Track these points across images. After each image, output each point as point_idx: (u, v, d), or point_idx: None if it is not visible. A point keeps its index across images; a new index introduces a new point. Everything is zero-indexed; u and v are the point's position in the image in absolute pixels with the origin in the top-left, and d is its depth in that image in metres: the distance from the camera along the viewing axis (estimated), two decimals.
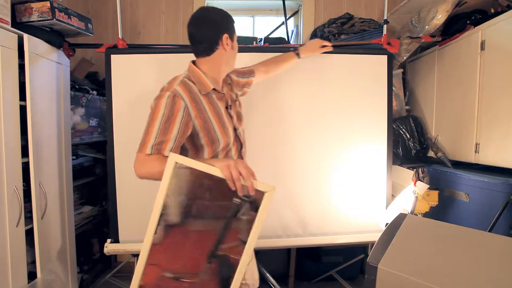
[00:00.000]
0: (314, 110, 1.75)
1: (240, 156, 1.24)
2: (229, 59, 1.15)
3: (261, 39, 2.15)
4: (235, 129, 1.19)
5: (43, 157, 1.57)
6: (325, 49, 1.65)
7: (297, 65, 1.73)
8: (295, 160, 1.75)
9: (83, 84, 2.13)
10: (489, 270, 0.82)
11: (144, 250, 0.87)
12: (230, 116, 1.18)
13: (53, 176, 1.67)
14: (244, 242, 0.85)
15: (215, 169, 0.84)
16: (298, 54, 1.59)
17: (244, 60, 1.70)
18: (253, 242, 0.85)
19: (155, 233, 0.87)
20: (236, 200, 0.86)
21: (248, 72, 1.44)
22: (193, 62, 1.15)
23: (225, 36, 1.09)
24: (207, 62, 1.12)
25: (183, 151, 1.08)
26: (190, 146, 1.09)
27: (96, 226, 2.24)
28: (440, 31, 1.95)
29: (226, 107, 1.18)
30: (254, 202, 0.86)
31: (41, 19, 1.53)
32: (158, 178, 0.92)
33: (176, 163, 0.84)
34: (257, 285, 1.34)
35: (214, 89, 1.12)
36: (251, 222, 0.85)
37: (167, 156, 0.90)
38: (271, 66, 1.54)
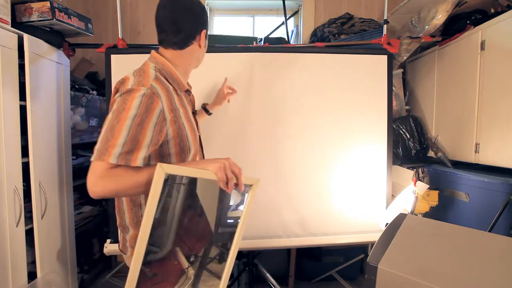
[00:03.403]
0: (314, 110, 1.75)
1: None
2: (199, 57, 1.03)
3: (261, 39, 2.15)
4: (199, 137, 1.06)
5: (43, 157, 1.57)
6: (231, 95, 1.50)
7: (297, 65, 1.73)
8: (295, 160, 1.75)
9: (83, 84, 2.13)
10: (489, 270, 0.82)
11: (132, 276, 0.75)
12: (196, 122, 1.05)
13: (53, 176, 1.67)
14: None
15: (208, 173, 0.79)
16: (207, 111, 1.48)
17: (245, 60, 1.70)
18: (242, 230, 0.88)
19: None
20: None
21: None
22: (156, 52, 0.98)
23: (204, 32, 0.98)
24: (178, 57, 0.96)
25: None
26: (155, 155, 0.90)
27: (96, 226, 2.24)
28: (440, 31, 1.95)
29: (193, 112, 1.05)
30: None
31: (41, 19, 1.53)
32: (123, 195, 0.81)
33: (166, 174, 0.73)
34: None
35: (186, 90, 1.00)
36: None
37: (137, 167, 0.78)
38: None
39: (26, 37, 1.43)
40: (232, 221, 0.88)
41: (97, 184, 0.75)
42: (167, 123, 0.85)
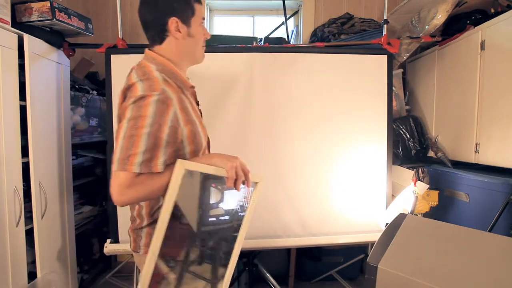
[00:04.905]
0: (314, 110, 1.75)
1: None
2: (190, 48, 0.94)
3: (261, 39, 2.15)
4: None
5: (43, 157, 1.57)
6: None
7: (296, 65, 1.73)
8: (295, 160, 1.75)
9: (83, 84, 2.13)
10: (489, 270, 0.82)
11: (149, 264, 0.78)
12: (201, 114, 1.02)
13: (53, 176, 1.67)
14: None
15: (221, 170, 0.83)
16: None
17: (245, 60, 1.71)
18: (246, 227, 0.89)
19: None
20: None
21: None
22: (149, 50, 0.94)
23: (172, 20, 0.88)
24: (164, 52, 0.92)
25: None
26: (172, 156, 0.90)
27: (96, 226, 2.24)
28: (440, 31, 1.95)
29: (197, 103, 1.02)
30: None
31: (41, 19, 1.53)
32: (149, 199, 0.84)
33: (186, 170, 0.76)
34: None
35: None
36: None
37: (159, 172, 0.78)
38: None
39: (26, 37, 1.43)
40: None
41: (124, 193, 0.76)
42: (180, 123, 0.85)
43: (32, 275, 1.48)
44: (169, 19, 0.88)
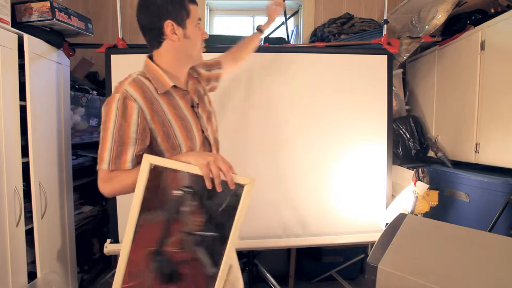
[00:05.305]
0: (314, 111, 1.75)
1: None
2: (187, 50, 0.96)
3: (261, 39, 2.15)
4: (202, 131, 1.02)
5: (43, 157, 1.57)
6: (279, 7, 1.44)
7: (297, 65, 1.73)
8: (295, 160, 1.75)
9: (83, 84, 2.13)
10: (489, 270, 0.82)
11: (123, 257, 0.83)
12: (198, 116, 1.01)
13: (53, 176, 1.67)
14: (224, 236, 0.83)
15: (193, 167, 0.79)
16: (260, 30, 1.44)
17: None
18: (235, 235, 0.83)
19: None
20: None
21: (215, 64, 1.23)
22: (150, 56, 0.99)
23: (168, 23, 0.90)
24: (161, 55, 0.96)
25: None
26: (148, 153, 0.91)
27: (96, 226, 2.24)
28: (440, 31, 1.95)
29: (192, 106, 1.01)
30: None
31: (41, 19, 1.53)
32: (128, 192, 0.87)
33: (151, 164, 0.79)
34: None
35: (174, 86, 0.95)
36: (229, 215, 0.83)
37: (129, 169, 0.85)
38: (237, 53, 1.35)
39: (26, 37, 1.43)
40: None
41: (104, 187, 0.87)
42: (148, 120, 0.88)
43: (32, 275, 1.48)
44: (164, 22, 0.90)
